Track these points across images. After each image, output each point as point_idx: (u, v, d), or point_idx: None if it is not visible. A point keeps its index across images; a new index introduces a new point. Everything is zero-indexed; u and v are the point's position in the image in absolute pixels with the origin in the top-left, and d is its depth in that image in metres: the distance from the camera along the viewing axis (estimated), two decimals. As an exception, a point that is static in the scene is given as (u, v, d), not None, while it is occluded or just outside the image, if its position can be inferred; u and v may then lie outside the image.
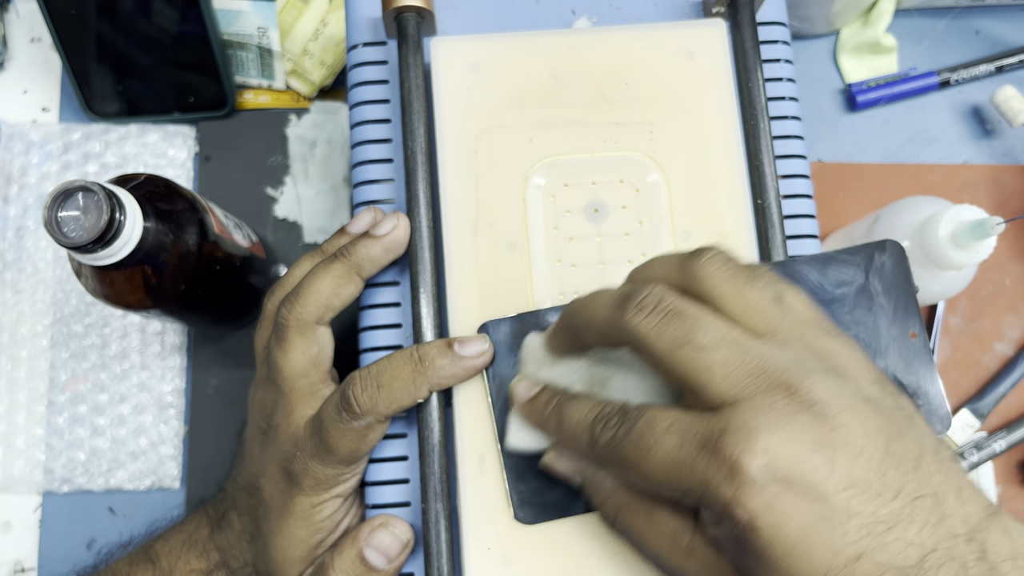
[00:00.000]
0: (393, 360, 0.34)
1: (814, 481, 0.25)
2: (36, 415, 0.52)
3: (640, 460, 0.27)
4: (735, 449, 0.25)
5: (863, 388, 0.27)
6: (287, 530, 0.35)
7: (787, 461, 0.25)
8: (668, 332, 0.27)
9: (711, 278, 0.29)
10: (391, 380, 0.33)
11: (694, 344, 0.27)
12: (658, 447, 0.27)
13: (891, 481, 0.25)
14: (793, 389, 0.26)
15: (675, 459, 0.26)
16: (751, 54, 0.38)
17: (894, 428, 0.26)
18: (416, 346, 0.34)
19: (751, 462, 0.25)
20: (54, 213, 0.34)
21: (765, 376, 0.26)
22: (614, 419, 0.28)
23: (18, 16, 0.58)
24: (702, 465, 0.25)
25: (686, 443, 0.26)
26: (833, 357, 0.28)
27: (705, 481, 0.25)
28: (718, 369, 0.26)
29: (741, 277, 0.29)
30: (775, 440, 0.25)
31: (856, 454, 0.25)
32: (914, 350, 0.33)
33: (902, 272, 0.34)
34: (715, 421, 0.26)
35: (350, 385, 0.33)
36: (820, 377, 0.26)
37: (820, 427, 0.25)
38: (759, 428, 0.25)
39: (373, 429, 0.34)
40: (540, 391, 0.32)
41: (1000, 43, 0.57)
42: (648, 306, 0.28)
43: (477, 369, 0.34)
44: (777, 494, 0.25)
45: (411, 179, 0.36)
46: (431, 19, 0.38)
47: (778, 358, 0.27)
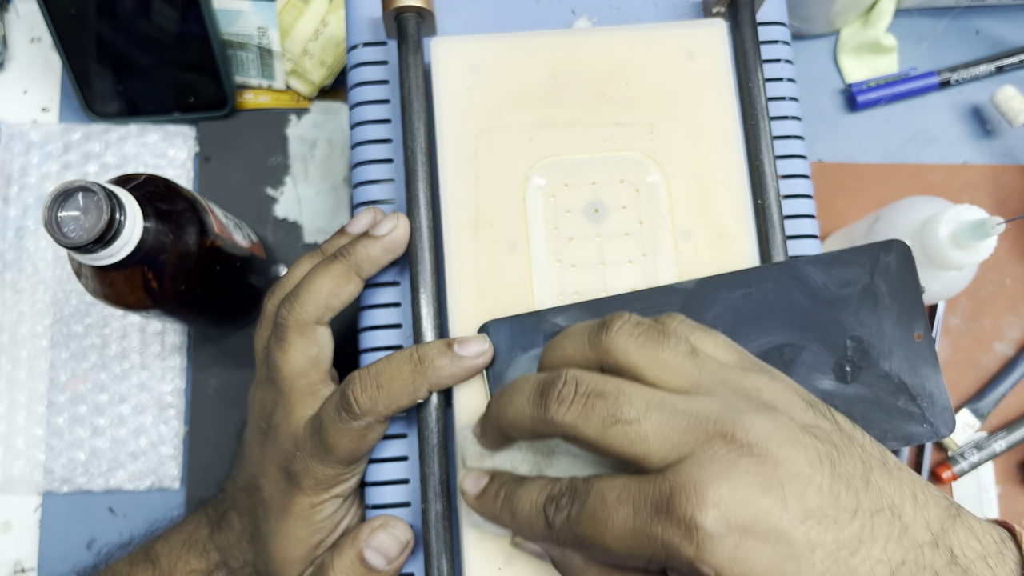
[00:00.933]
0: (393, 360, 0.34)
1: (770, 522, 0.25)
2: (36, 415, 0.52)
3: (598, 536, 0.27)
4: (687, 507, 0.25)
5: (796, 417, 0.27)
6: (287, 530, 0.35)
7: (740, 508, 0.25)
8: (594, 416, 0.27)
9: (622, 350, 0.29)
10: (391, 380, 0.33)
11: (622, 420, 0.27)
12: (613, 520, 0.26)
13: (845, 503, 0.25)
14: (729, 436, 0.26)
15: (632, 529, 0.26)
16: (751, 54, 0.38)
17: (836, 450, 0.26)
18: (416, 346, 0.34)
19: (705, 517, 0.25)
20: (54, 213, 0.34)
21: (699, 430, 0.26)
22: (564, 499, 0.28)
23: (18, 16, 0.58)
24: (659, 530, 0.25)
25: (639, 511, 0.26)
26: (760, 393, 0.28)
27: (666, 545, 0.25)
28: (652, 437, 0.26)
29: (652, 342, 0.29)
30: (723, 490, 0.25)
31: (805, 485, 0.25)
32: (919, 352, 0.33)
33: (908, 273, 0.34)
34: (662, 483, 0.26)
35: (350, 385, 0.33)
36: (752, 417, 0.26)
37: (764, 467, 0.25)
38: (705, 481, 0.25)
39: (373, 429, 0.34)
40: (488, 483, 0.31)
41: (1000, 43, 0.57)
42: (567, 396, 0.28)
43: (477, 369, 0.34)
44: (737, 543, 0.25)
45: (411, 179, 0.36)
46: (431, 19, 0.38)
47: (707, 409, 0.27)
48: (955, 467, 0.51)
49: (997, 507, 0.52)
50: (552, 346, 0.31)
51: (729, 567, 0.25)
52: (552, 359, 0.31)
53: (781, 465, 0.25)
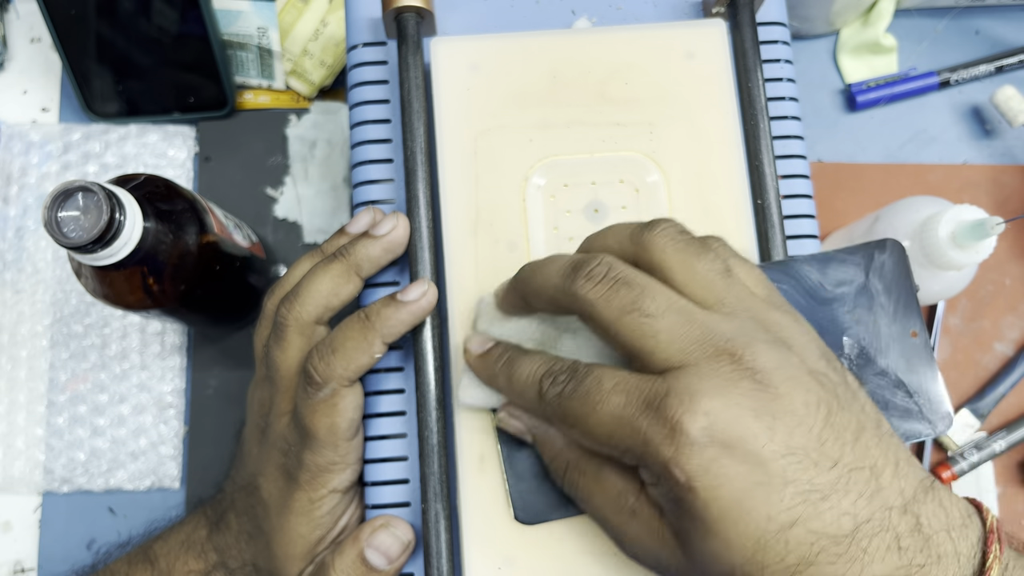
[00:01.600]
0: (343, 324, 0.34)
1: (753, 446, 0.25)
2: (36, 415, 0.52)
3: (585, 416, 0.27)
4: (677, 410, 0.25)
5: (808, 361, 0.27)
6: (287, 527, 0.36)
7: (727, 425, 0.25)
8: (616, 300, 0.28)
9: (661, 250, 0.29)
10: (343, 342, 0.34)
11: (641, 311, 0.27)
12: (603, 404, 0.27)
13: (829, 452, 0.26)
14: (737, 357, 0.26)
15: (619, 416, 0.27)
16: (751, 54, 0.38)
17: (836, 401, 0.27)
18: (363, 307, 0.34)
19: (692, 424, 0.25)
20: (54, 213, 0.34)
21: (710, 343, 0.27)
22: (563, 375, 0.29)
23: (18, 16, 0.58)
24: (644, 424, 0.26)
25: (631, 402, 0.26)
26: (780, 330, 0.28)
27: (646, 440, 0.26)
28: (663, 336, 0.27)
29: (691, 249, 0.29)
30: (717, 404, 0.25)
31: (796, 423, 0.26)
32: (915, 349, 0.33)
33: (902, 271, 0.34)
34: (660, 383, 0.26)
35: (308, 359, 0.34)
36: (765, 347, 0.27)
37: (762, 395, 0.26)
38: (702, 392, 0.25)
39: (340, 396, 0.34)
40: (492, 346, 0.32)
41: (1000, 43, 0.57)
42: (597, 275, 0.28)
43: (424, 311, 0.34)
44: (715, 457, 0.25)
45: (411, 179, 0.36)
46: (431, 19, 0.38)
47: (723, 327, 0.27)
48: (955, 467, 0.51)
49: (997, 507, 0.52)
50: (595, 235, 0.32)
51: (701, 477, 0.25)
52: (591, 245, 0.31)
53: (779, 399, 0.26)
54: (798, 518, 0.25)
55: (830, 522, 0.25)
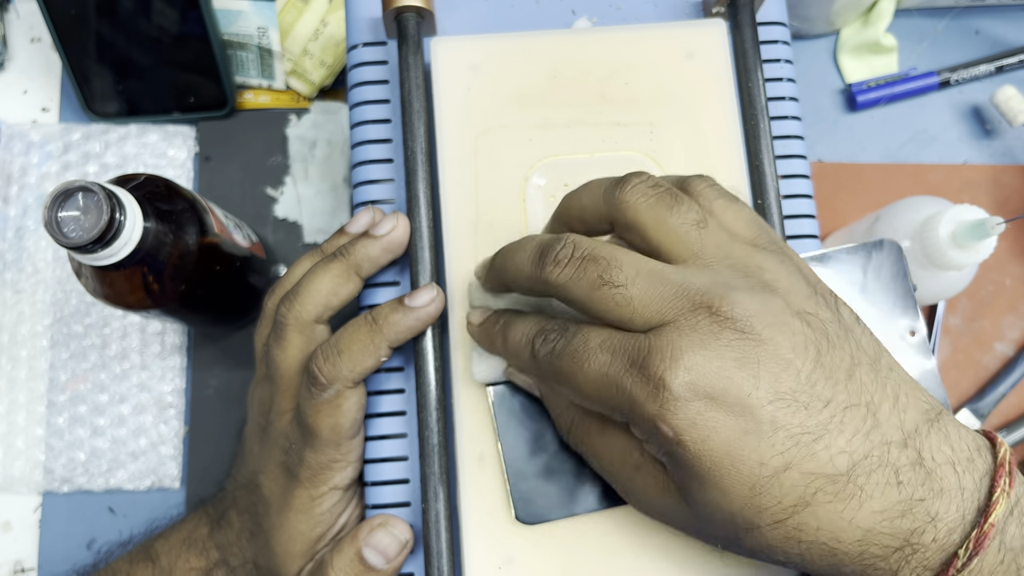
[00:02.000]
0: (350, 326, 0.34)
1: (738, 395, 0.25)
2: (36, 415, 0.52)
3: (572, 374, 0.28)
4: (660, 367, 0.26)
5: (794, 302, 0.27)
6: (288, 524, 0.36)
7: (710, 377, 0.25)
8: (585, 278, 0.28)
9: (633, 208, 0.29)
10: (350, 344, 0.34)
11: (611, 283, 0.27)
12: (590, 362, 0.27)
13: (820, 392, 0.26)
14: (714, 309, 0.26)
15: (605, 375, 0.27)
16: (751, 54, 0.38)
17: (826, 340, 0.27)
18: (371, 309, 0.34)
19: (674, 379, 0.25)
20: (54, 213, 0.34)
21: (686, 299, 0.27)
22: (553, 334, 0.29)
23: (18, 16, 0.58)
24: (629, 382, 0.26)
25: (615, 360, 0.27)
26: (763, 272, 0.28)
27: (631, 399, 0.26)
28: (637, 302, 0.27)
29: (663, 204, 0.29)
30: (698, 358, 0.25)
31: (782, 368, 0.26)
32: (914, 348, 0.34)
33: (899, 271, 0.34)
34: (643, 341, 0.26)
35: (313, 359, 0.34)
36: (743, 295, 0.27)
37: (744, 343, 0.26)
38: (683, 347, 0.26)
39: (345, 397, 0.34)
40: (491, 314, 0.33)
41: (1000, 43, 0.57)
42: (564, 258, 0.29)
43: (431, 317, 0.34)
44: (701, 410, 0.25)
45: (411, 179, 0.36)
46: (431, 19, 0.38)
47: (697, 280, 0.27)
48: (955, 467, 0.51)
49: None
50: (569, 196, 0.32)
51: (688, 431, 0.25)
52: (567, 208, 0.32)
53: (762, 345, 0.26)
54: (791, 461, 0.25)
55: (825, 462, 0.25)
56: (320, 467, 0.35)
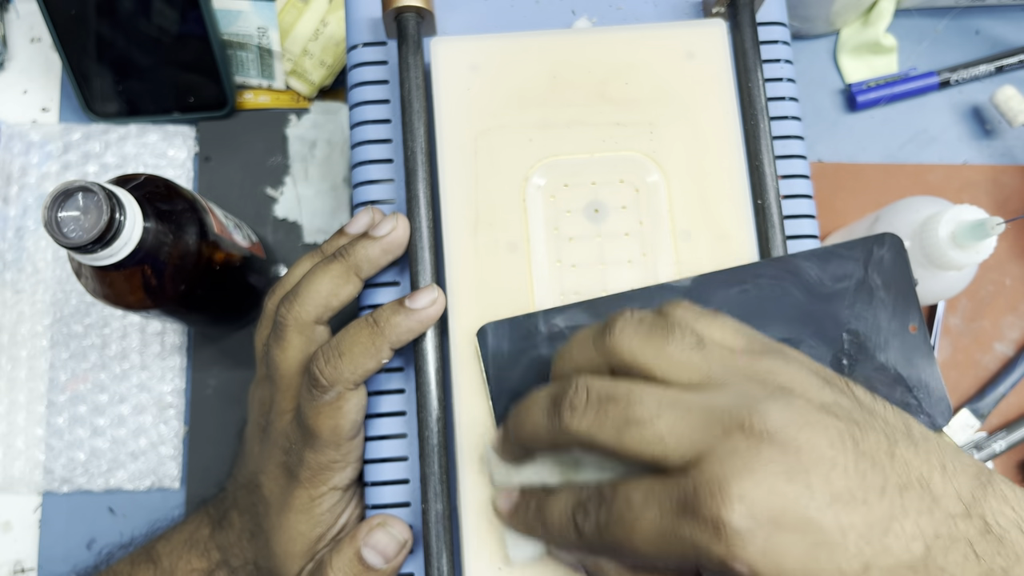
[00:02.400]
0: (351, 328, 0.34)
1: (797, 511, 0.24)
2: (36, 415, 0.52)
3: (627, 540, 0.26)
4: (712, 505, 0.25)
5: (813, 398, 0.27)
6: (287, 524, 0.36)
7: (765, 500, 0.24)
8: (608, 421, 0.27)
9: (628, 349, 0.29)
10: (351, 346, 0.33)
11: (636, 422, 0.27)
12: (640, 523, 0.26)
13: (872, 481, 0.25)
14: (747, 427, 0.25)
15: (660, 531, 0.26)
16: (751, 54, 0.38)
17: (857, 427, 0.26)
18: (371, 311, 0.34)
19: (731, 513, 0.24)
20: (54, 213, 0.34)
21: (716, 424, 0.26)
22: (591, 504, 0.28)
23: (18, 16, 0.58)
24: (687, 531, 0.25)
25: (665, 512, 0.26)
26: (774, 377, 0.28)
27: (695, 545, 0.25)
28: (668, 436, 0.26)
29: (656, 335, 0.28)
30: (748, 484, 0.25)
31: (829, 468, 0.25)
32: (914, 343, 0.33)
33: (901, 265, 0.34)
34: (686, 482, 0.25)
35: (314, 361, 0.34)
36: (768, 404, 0.26)
37: (786, 455, 0.25)
38: (728, 477, 0.25)
39: (346, 399, 0.34)
40: (519, 499, 0.31)
41: (1000, 43, 0.57)
42: (580, 404, 0.28)
43: (432, 319, 0.34)
44: (767, 536, 0.24)
45: (411, 179, 0.36)
46: (431, 19, 0.38)
47: (721, 401, 0.26)
48: (955, 467, 0.51)
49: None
50: (560, 355, 0.31)
51: (762, 562, 0.24)
52: (562, 368, 0.31)
53: (803, 451, 0.25)
54: (868, 561, 0.24)
55: (901, 552, 0.24)
56: (320, 467, 0.35)
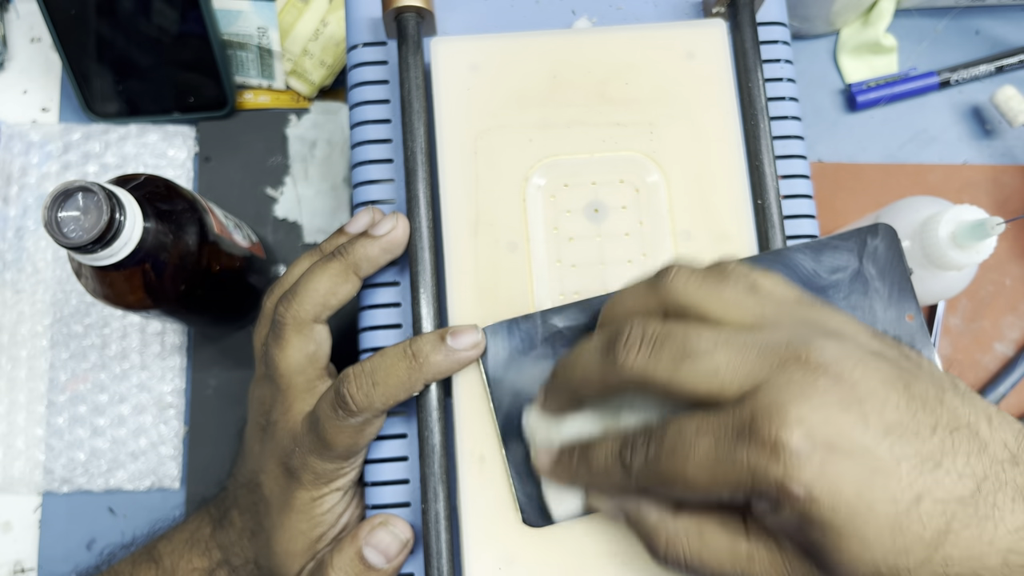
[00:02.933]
0: (387, 357, 0.33)
1: (853, 437, 0.25)
2: (36, 415, 0.52)
3: (680, 471, 0.27)
4: (771, 427, 0.25)
5: (865, 344, 0.27)
6: (288, 524, 0.36)
7: (823, 426, 0.25)
8: (664, 357, 0.27)
9: (684, 292, 0.29)
10: (386, 377, 0.33)
11: (692, 356, 0.27)
12: (695, 452, 0.26)
13: (924, 419, 0.25)
14: (803, 359, 0.26)
15: (715, 458, 0.26)
16: (751, 54, 0.38)
17: (908, 374, 0.27)
18: (409, 341, 0.34)
19: (790, 436, 0.25)
20: (54, 213, 0.34)
21: (772, 356, 0.26)
22: (640, 441, 0.28)
23: (18, 16, 0.58)
24: (743, 455, 0.25)
25: (721, 439, 0.26)
26: (825, 323, 0.28)
27: (752, 469, 0.25)
28: (724, 368, 0.27)
29: (711, 280, 0.29)
30: (805, 409, 0.25)
31: (882, 403, 0.26)
32: (912, 332, 0.33)
33: (895, 255, 0.34)
34: (743, 410, 0.26)
35: (344, 383, 0.33)
36: (823, 341, 0.27)
37: (841, 386, 0.26)
38: (786, 402, 0.25)
39: (370, 424, 0.34)
40: (560, 452, 0.31)
41: (1000, 43, 0.57)
42: (635, 342, 0.28)
43: (471, 360, 0.34)
44: (824, 460, 0.25)
45: (411, 179, 0.36)
46: (431, 19, 0.38)
47: (776, 337, 0.27)
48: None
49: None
50: (612, 302, 0.31)
51: (819, 484, 0.24)
52: (614, 313, 0.31)
53: (857, 385, 0.26)
54: (921, 491, 0.25)
55: (952, 486, 0.25)
56: (325, 473, 0.35)
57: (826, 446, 0.25)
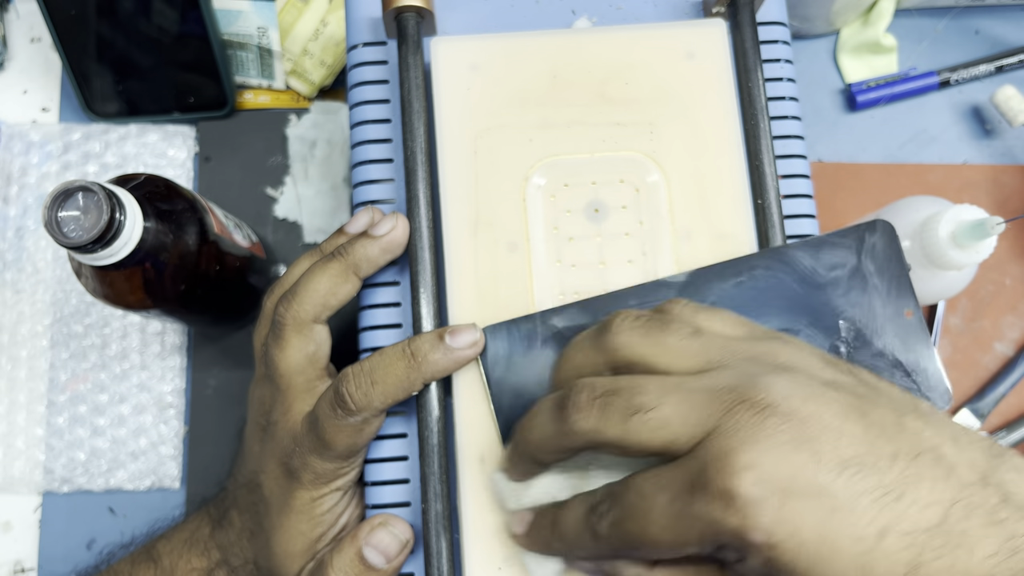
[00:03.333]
0: (386, 356, 0.34)
1: (807, 477, 0.24)
2: (36, 415, 0.52)
3: (642, 531, 0.26)
4: (720, 477, 0.24)
5: (816, 375, 0.27)
6: (288, 524, 0.36)
7: (775, 468, 0.24)
8: (613, 414, 0.27)
9: (627, 346, 0.29)
10: (385, 377, 0.33)
11: (641, 409, 0.27)
12: (653, 510, 0.26)
13: (882, 449, 0.25)
14: (750, 401, 0.25)
15: (673, 514, 0.26)
16: (751, 54, 0.38)
17: (863, 401, 0.26)
18: (408, 340, 0.34)
19: (740, 483, 0.24)
20: (54, 213, 0.34)
21: (719, 401, 0.26)
22: (604, 504, 0.28)
23: (18, 16, 0.58)
24: (700, 508, 0.25)
25: (676, 495, 0.26)
26: (774, 357, 0.28)
27: (710, 522, 0.25)
28: (673, 420, 0.26)
29: (654, 330, 0.29)
30: (754, 453, 0.25)
31: (837, 436, 0.25)
32: (910, 328, 0.33)
33: (893, 251, 0.34)
34: (693, 462, 0.25)
35: (343, 382, 0.33)
36: (771, 378, 0.26)
37: (791, 424, 0.25)
38: (734, 448, 0.25)
39: (369, 423, 0.34)
40: (533, 518, 0.31)
41: (1000, 43, 0.57)
42: (584, 403, 0.28)
43: (470, 358, 0.34)
44: (780, 504, 0.24)
45: (411, 179, 0.36)
46: (431, 19, 0.38)
47: (722, 380, 0.27)
48: (955, 467, 0.51)
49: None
50: (560, 361, 0.31)
51: (778, 529, 0.24)
52: (564, 373, 0.31)
53: (808, 421, 0.25)
54: (885, 526, 0.24)
55: (917, 518, 0.24)
56: (325, 473, 0.35)
57: (781, 490, 0.24)
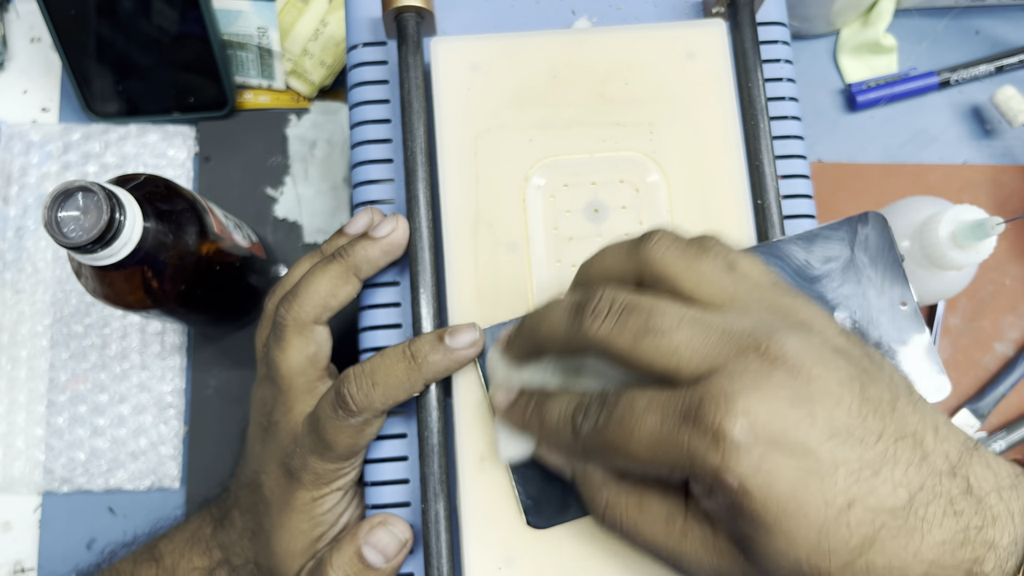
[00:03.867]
0: (387, 357, 0.34)
1: (797, 436, 0.25)
2: (36, 415, 0.52)
3: (624, 442, 0.27)
4: (715, 416, 0.25)
5: (831, 339, 0.27)
6: (288, 524, 0.36)
7: (768, 420, 0.25)
8: (627, 329, 0.27)
9: (662, 260, 0.29)
10: (386, 378, 0.33)
11: (654, 332, 0.27)
12: (640, 426, 0.27)
13: (871, 425, 0.25)
14: (762, 349, 0.26)
15: (658, 435, 0.26)
16: (751, 54, 0.38)
17: (866, 375, 0.27)
18: (408, 342, 0.34)
19: (733, 426, 0.25)
20: (54, 213, 0.34)
21: (732, 343, 0.26)
22: (593, 407, 0.28)
23: (18, 16, 0.58)
24: (686, 437, 0.25)
25: (667, 418, 0.26)
26: (796, 313, 0.28)
27: (691, 453, 0.25)
28: (683, 348, 0.27)
29: (691, 252, 0.29)
30: (753, 401, 0.25)
31: (834, 404, 0.25)
32: (906, 319, 0.34)
33: (886, 243, 0.34)
34: (692, 393, 0.26)
35: (344, 383, 0.34)
36: (787, 333, 0.26)
37: (795, 382, 0.25)
38: (736, 392, 0.25)
39: (370, 424, 0.34)
40: (518, 395, 0.32)
41: (1000, 43, 0.57)
42: (601, 311, 0.28)
43: (470, 359, 0.34)
44: (763, 455, 0.25)
45: (411, 179, 0.36)
46: (431, 19, 0.38)
47: (741, 323, 0.27)
48: (955, 467, 0.51)
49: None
50: (590, 260, 0.31)
51: (753, 478, 0.25)
52: (592, 271, 0.31)
53: (813, 382, 0.26)
54: (854, 498, 0.25)
55: (885, 496, 0.25)
56: (325, 473, 0.35)
57: (768, 441, 0.25)
